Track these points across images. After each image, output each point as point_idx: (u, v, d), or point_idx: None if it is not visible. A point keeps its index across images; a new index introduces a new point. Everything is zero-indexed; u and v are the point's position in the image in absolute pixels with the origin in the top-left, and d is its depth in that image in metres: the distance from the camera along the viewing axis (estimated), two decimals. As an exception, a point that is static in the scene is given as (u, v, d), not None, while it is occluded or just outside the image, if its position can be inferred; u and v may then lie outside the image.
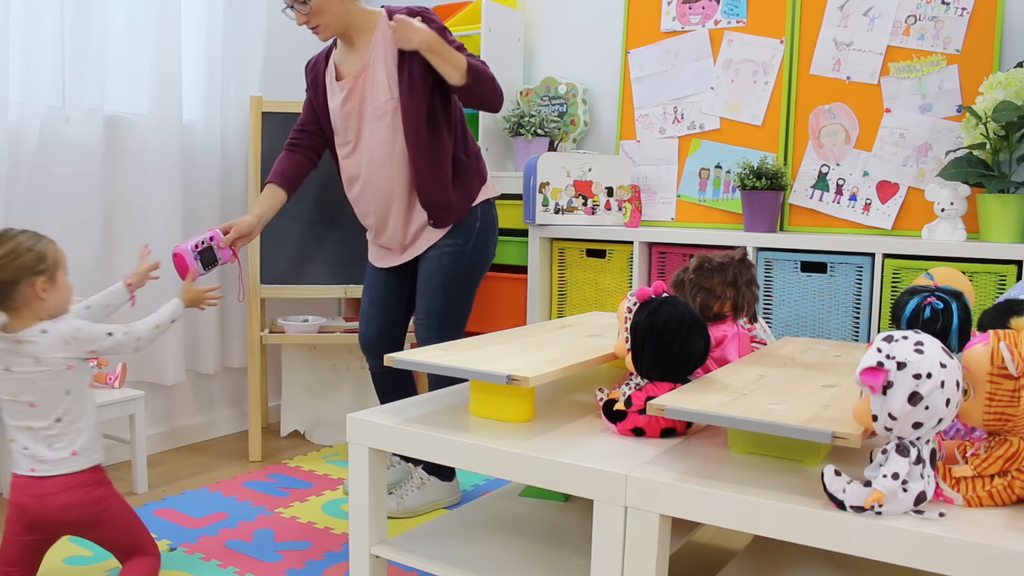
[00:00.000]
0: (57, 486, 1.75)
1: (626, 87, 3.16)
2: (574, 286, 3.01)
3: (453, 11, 3.43)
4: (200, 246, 2.16)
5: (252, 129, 2.92)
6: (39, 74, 2.49)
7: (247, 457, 2.91)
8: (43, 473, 1.76)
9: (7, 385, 1.76)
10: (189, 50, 2.94)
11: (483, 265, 2.38)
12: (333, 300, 3.56)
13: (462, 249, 2.30)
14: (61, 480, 1.76)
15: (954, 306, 1.26)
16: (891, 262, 2.41)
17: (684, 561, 1.66)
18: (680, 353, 1.35)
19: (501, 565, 1.40)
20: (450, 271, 2.30)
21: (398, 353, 1.48)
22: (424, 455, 1.38)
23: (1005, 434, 1.05)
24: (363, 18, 2.29)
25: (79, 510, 1.77)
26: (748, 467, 1.20)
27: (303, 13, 2.22)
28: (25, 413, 1.77)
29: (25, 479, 1.76)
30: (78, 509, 1.77)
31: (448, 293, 2.30)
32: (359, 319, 2.51)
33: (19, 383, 1.76)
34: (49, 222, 2.59)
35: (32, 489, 1.75)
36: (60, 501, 1.75)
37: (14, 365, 1.75)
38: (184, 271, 2.11)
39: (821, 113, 2.79)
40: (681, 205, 3.05)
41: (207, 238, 2.18)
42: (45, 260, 1.74)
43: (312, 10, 2.21)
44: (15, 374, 1.75)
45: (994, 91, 2.33)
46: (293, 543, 2.19)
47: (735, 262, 1.63)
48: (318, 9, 2.21)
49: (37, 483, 1.76)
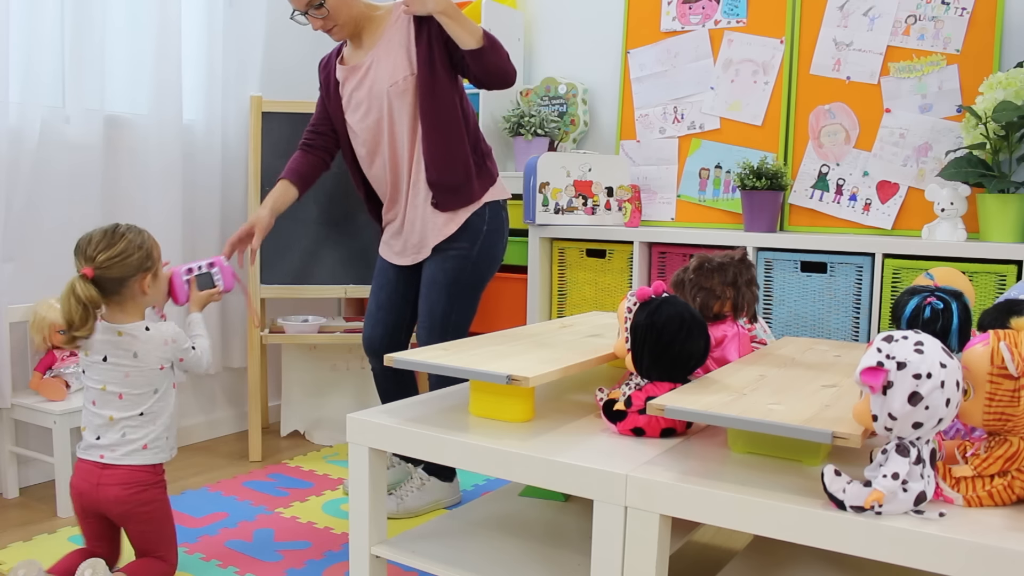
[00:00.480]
0: (115, 478, 1.83)
1: (626, 87, 3.16)
2: (574, 286, 3.01)
3: (453, 11, 3.43)
4: (196, 271, 2.05)
5: (252, 129, 2.92)
6: (39, 74, 2.50)
7: (247, 457, 2.91)
8: (109, 461, 1.84)
9: (101, 374, 1.85)
10: (189, 50, 2.94)
11: (490, 270, 2.36)
12: (333, 300, 3.56)
13: (467, 253, 2.28)
14: (122, 472, 1.84)
15: (954, 306, 1.26)
16: (891, 262, 2.41)
17: (684, 561, 1.66)
18: (680, 353, 1.35)
19: (501, 565, 1.40)
20: (454, 274, 2.28)
21: (398, 353, 1.48)
22: (424, 455, 1.38)
23: (1005, 434, 1.05)
24: (370, 11, 2.29)
25: (126, 506, 1.83)
26: (748, 467, 1.20)
27: (319, 18, 2.23)
28: (111, 403, 1.86)
29: (89, 465, 1.84)
30: (125, 505, 1.83)
31: (451, 297, 2.28)
32: (364, 320, 2.49)
33: (113, 374, 1.85)
34: (49, 222, 2.59)
35: (92, 476, 1.83)
36: (112, 493, 1.82)
37: (112, 356, 1.85)
38: (175, 296, 2.01)
39: (821, 113, 2.79)
40: (681, 205, 3.05)
41: (206, 264, 2.08)
42: (151, 257, 1.85)
43: (328, 14, 2.21)
44: (111, 365, 1.85)
45: (994, 91, 2.33)
46: (293, 543, 2.19)
47: (735, 262, 1.63)
48: (334, 12, 2.21)
49: (99, 471, 1.83)
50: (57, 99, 2.65)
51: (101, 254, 1.78)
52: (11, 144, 2.43)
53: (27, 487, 2.59)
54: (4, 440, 2.50)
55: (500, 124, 3.28)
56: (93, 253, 1.78)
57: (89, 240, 1.80)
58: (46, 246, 2.59)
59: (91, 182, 2.67)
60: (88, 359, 1.86)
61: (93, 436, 1.86)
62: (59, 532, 2.26)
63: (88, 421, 1.87)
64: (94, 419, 1.86)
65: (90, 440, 1.86)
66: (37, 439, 2.57)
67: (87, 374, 1.88)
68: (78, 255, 1.80)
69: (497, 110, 3.29)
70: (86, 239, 1.81)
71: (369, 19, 2.29)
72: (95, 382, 1.86)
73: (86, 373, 1.88)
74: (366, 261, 2.99)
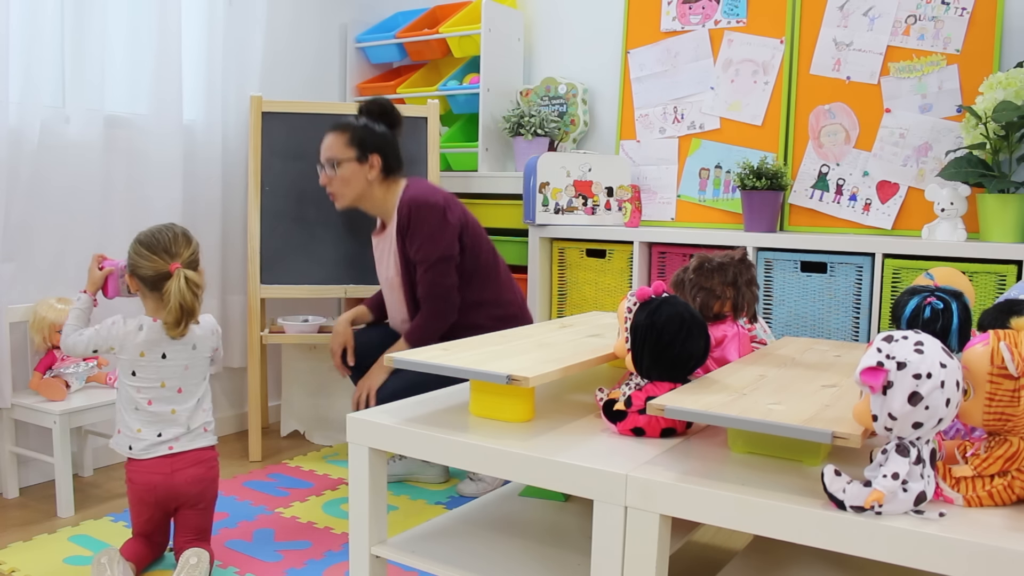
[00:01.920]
0: (188, 461, 1.96)
1: (626, 87, 3.16)
2: (574, 286, 3.01)
3: (453, 11, 3.43)
4: None
5: (252, 129, 2.92)
6: (39, 74, 2.50)
7: (247, 457, 2.91)
8: (179, 449, 1.95)
9: (158, 371, 1.95)
10: (189, 50, 2.94)
11: None
12: (333, 300, 3.56)
13: None
14: (193, 455, 1.97)
15: (954, 306, 1.26)
16: (891, 262, 2.41)
17: (684, 561, 1.66)
18: (680, 353, 1.34)
19: (501, 565, 1.40)
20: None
21: (398, 353, 1.48)
22: (424, 455, 1.38)
23: (1005, 434, 1.05)
24: (386, 199, 2.53)
25: (201, 484, 1.97)
26: (748, 467, 1.20)
27: (328, 175, 2.48)
28: (171, 399, 1.96)
29: (156, 460, 1.93)
30: (201, 484, 1.97)
31: None
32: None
33: (173, 369, 1.96)
34: (49, 222, 2.59)
35: (163, 467, 1.93)
36: (190, 475, 1.95)
37: (171, 352, 1.95)
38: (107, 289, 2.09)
39: (821, 113, 2.79)
40: (681, 205, 3.05)
41: None
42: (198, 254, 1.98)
43: (337, 176, 2.46)
44: (171, 361, 1.95)
45: (994, 91, 2.33)
46: (293, 543, 2.19)
47: (735, 262, 1.62)
48: (342, 179, 2.46)
49: (169, 461, 1.94)
50: (57, 99, 2.65)
51: (184, 251, 1.93)
52: (11, 144, 2.43)
53: (27, 487, 2.59)
54: (4, 440, 2.50)
55: (500, 124, 3.28)
56: (177, 250, 1.92)
57: (175, 238, 1.93)
58: (46, 246, 2.59)
59: (91, 182, 2.67)
60: (143, 359, 1.93)
61: (154, 434, 1.93)
62: (59, 532, 2.26)
63: (143, 420, 1.94)
64: (151, 417, 1.94)
65: (151, 439, 1.93)
66: (37, 439, 2.57)
67: (139, 375, 1.94)
68: (159, 252, 1.90)
69: (497, 110, 3.29)
70: (168, 238, 1.92)
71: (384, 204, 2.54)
72: (150, 381, 1.94)
73: (137, 374, 1.94)
74: (366, 261, 2.99)
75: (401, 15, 3.63)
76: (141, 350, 1.92)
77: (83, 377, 2.51)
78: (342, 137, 2.47)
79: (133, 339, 1.93)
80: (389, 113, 2.55)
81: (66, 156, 2.61)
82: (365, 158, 2.47)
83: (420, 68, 3.57)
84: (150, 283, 1.93)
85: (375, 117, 2.53)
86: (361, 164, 2.47)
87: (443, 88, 3.35)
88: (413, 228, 2.41)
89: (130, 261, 1.95)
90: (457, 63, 3.46)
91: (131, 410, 1.94)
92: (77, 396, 2.46)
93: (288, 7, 3.34)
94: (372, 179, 2.48)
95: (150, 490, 1.93)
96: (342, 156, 2.46)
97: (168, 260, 1.90)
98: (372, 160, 2.47)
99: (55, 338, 2.46)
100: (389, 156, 2.50)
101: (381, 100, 2.57)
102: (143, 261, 1.91)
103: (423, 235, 2.40)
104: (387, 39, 3.49)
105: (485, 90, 3.23)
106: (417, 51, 3.49)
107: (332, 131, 2.50)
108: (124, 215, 2.79)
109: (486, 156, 3.27)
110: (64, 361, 2.49)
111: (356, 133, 2.47)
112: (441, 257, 2.41)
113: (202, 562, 1.91)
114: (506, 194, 3.18)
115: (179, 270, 1.89)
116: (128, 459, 1.96)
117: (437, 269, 2.41)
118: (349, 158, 2.46)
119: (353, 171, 2.46)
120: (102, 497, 2.54)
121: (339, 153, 2.46)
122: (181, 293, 1.87)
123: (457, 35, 3.29)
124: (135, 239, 1.96)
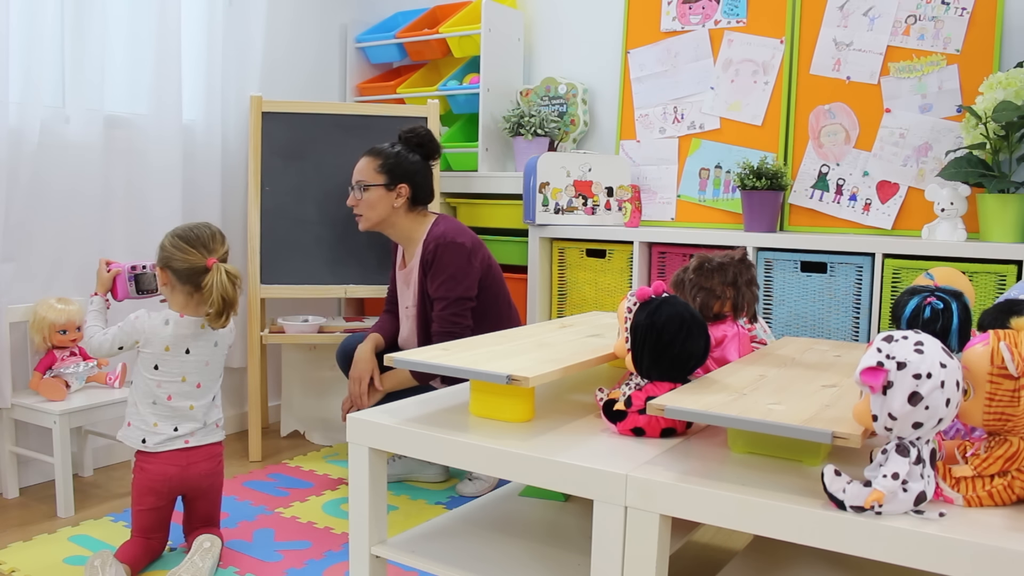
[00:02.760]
0: (202, 455, 2.02)
1: (626, 87, 3.16)
2: (574, 286, 3.01)
3: (453, 11, 3.43)
4: (138, 269, 2.14)
5: (252, 129, 2.92)
6: (39, 74, 2.49)
7: (247, 457, 2.91)
8: (195, 443, 2.01)
9: (180, 367, 1.99)
10: (189, 50, 2.94)
11: None
12: (333, 300, 3.56)
13: None
14: (206, 449, 2.03)
15: (954, 306, 1.26)
16: (891, 262, 2.41)
17: (684, 561, 1.66)
18: (680, 353, 1.34)
19: (501, 565, 1.40)
20: None
21: (398, 353, 1.48)
22: (424, 455, 1.38)
23: (1005, 434, 1.05)
24: (411, 229, 2.54)
25: (212, 478, 2.05)
26: (748, 467, 1.20)
27: (356, 197, 2.52)
28: (190, 393, 2.00)
29: (174, 452, 1.98)
30: (212, 477, 2.05)
31: None
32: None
33: (196, 364, 2.00)
34: (49, 222, 2.60)
35: (179, 460, 1.98)
36: (203, 468, 2.02)
37: (195, 348, 2.00)
38: (115, 291, 2.13)
39: (821, 113, 2.79)
40: (681, 205, 3.05)
41: (150, 264, 2.14)
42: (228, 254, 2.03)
43: (363, 199, 2.50)
44: (193, 356, 2.00)
45: (994, 91, 2.33)
46: (293, 543, 2.19)
47: (735, 262, 1.62)
48: (368, 203, 2.49)
49: (186, 453, 1.99)
50: (57, 99, 2.65)
51: (220, 248, 1.99)
52: (11, 144, 2.43)
53: (27, 487, 2.60)
54: (4, 440, 2.50)
55: (500, 124, 3.28)
56: (214, 247, 1.98)
57: (212, 235, 1.99)
58: (46, 246, 2.59)
59: (91, 182, 2.67)
60: (168, 354, 1.96)
61: (171, 428, 1.97)
62: (59, 532, 2.26)
63: (161, 415, 1.97)
64: (170, 412, 1.97)
65: (167, 433, 1.97)
66: (37, 439, 2.57)
67: (161, 369, 1.96)
68: (197, 247, 1.95)
69: (497, 110, 3.29)
70: (206, 234, 1.98)
71: (409, 232, 2.55)
72: (172, 376, 1.97)
73: (159, 368, 1.96)
74: (366, 261, 2.99)
75: (401, 15, 3.63)
76: (166, 344, 1.96)
77: (83, 377, 2.51)
78: (374, 162, 2.49)
79: (159, 333, 1.96)
80: (426, 144, 2.56)
81: (66, 156, 2.61)
82: (393, 186, 2.49)
83: (420, 68, 3.57)
84: (184, 276, 1.96)
85: (411, 146, 2.54)
86: (388, 191, 2.48)
87: (443, 88, 3.35)
88: (437, 265, 2.43)
89: (164, 253, 1.97)
90: (457, 63, 3.46)
91: (148, 404, 1.96)
92: (77, 396, 2.46)
93: (288, 7, 3.34)
94: (398, 207, 2.50)
95: (165, 480, 1.97)
96: (370, 181, 2.48)
97: (205, 255, 1.95)
98: (400, 189, 2.49)
99: (55, 338, 2.46)
100: (418, 187, 2.52)
101: (420, 130, 2.57)
102: (179, 254, 1.95)
103: (446, 274, 2.42)
104: (387, 39, 3.50)
105: (485, 90, 3.23)
106: (417, 51, 3.49)
107: (366, 155, 2.52)
108: (124, 215, 2.79)
109: (486, 156, 3.27)
110: (64, 361, 2.49)
111: (388, 161, 2.49)
112: (459, 298, 2.43)
113: (215, 546, 1.98)
114: (506, 194, 3.18)
115: (217, 264, 1.94)
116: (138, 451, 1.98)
117: (454, 309, 2.43)
118: (377, 184, 2.48)
119: (379, 197, 2.48)
120: (102, 497, 2.54)
121: (368, 178, 2.49)
122: (223, 286, 1.93)
123: (457, 35, 3.29)
124: (171, 233, 1.99)
